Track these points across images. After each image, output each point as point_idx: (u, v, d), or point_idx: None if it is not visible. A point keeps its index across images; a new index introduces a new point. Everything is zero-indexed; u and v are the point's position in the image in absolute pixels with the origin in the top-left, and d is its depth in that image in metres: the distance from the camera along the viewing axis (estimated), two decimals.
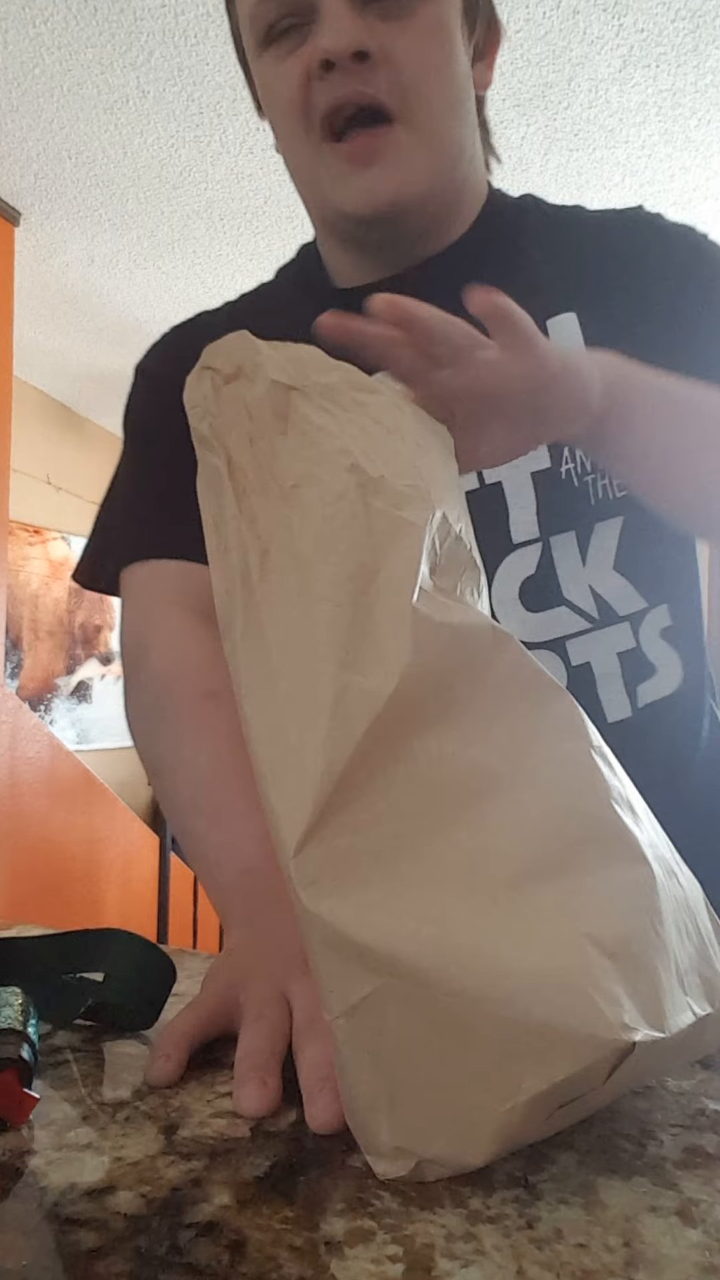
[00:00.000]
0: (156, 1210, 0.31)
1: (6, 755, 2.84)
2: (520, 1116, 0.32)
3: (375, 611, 0.37)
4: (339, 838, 0.35)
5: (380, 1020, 0.33)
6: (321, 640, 0.36)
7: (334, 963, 0.34)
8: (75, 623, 4.83)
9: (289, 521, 0.39)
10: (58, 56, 2.18)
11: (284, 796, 0.36)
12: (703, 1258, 0.29)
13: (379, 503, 0.38)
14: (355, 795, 0.35)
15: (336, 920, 0.34)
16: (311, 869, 0.34)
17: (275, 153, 0.71)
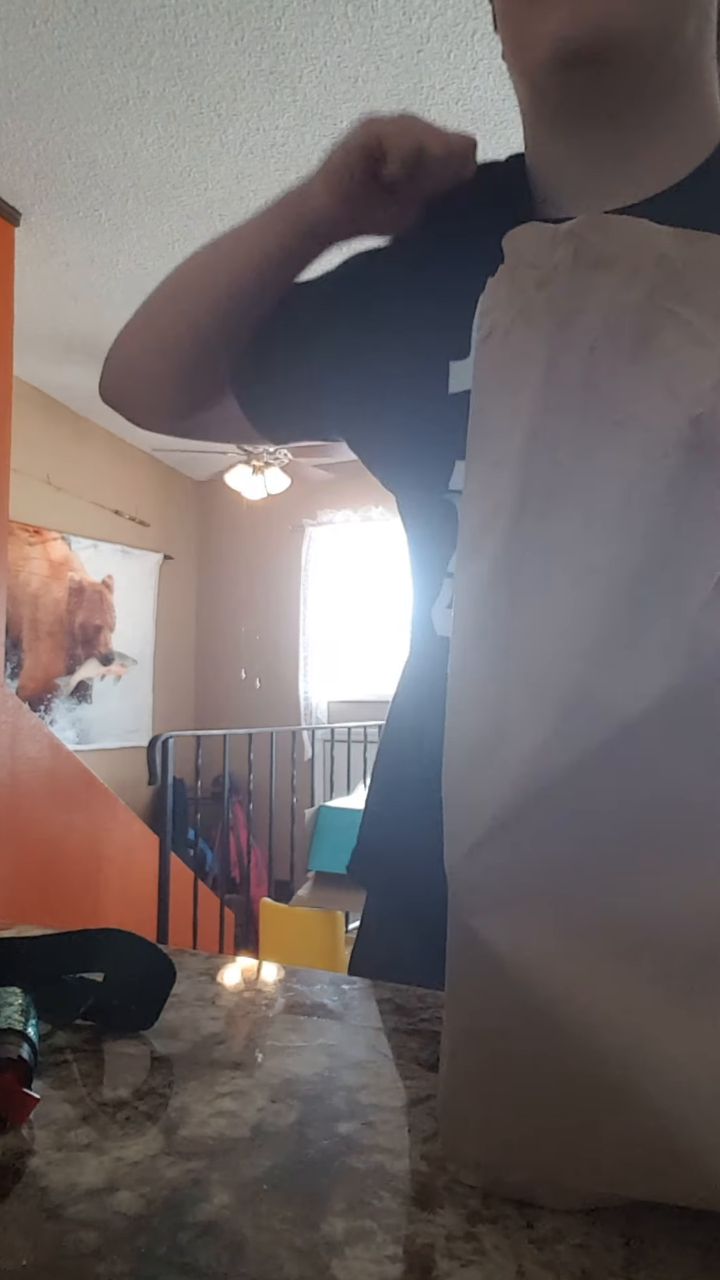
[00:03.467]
0: (156, 1210, 0.31)
1: (6, 755, 2.84)
2: (617, 1199, 0.30)
3: (654, 608, 0.30)
4: (521, 846, 0.30)
5: (504, 1055, 0.31)
6: (579, 622, 0.30)
7: (475, 980, 0.31)
8: (75, 623, 4.83)
9: (594, 463, 0.31)
10: (58, 56, 2.18)
11: (474, 788, 0.31)
12: (703, 1258, 0.29)
13: (711, 475, 0.30)
14: (556, 809, 0.30)
15: (492, 941, 0.30)
16: (480, 872, 0.31)
17: (275, 153, 0.71)
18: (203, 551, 5.90)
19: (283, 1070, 0.42)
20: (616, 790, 0.30)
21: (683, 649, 0.29)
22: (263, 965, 0.59)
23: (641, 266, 0.32)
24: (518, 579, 0.32)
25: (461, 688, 0.33)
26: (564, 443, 0.32)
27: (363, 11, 2.03)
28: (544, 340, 0.32)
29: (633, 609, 0.30)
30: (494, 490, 0.33)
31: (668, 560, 0.30)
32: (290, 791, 4.38)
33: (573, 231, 0.33)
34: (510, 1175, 0.32)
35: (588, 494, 0.31)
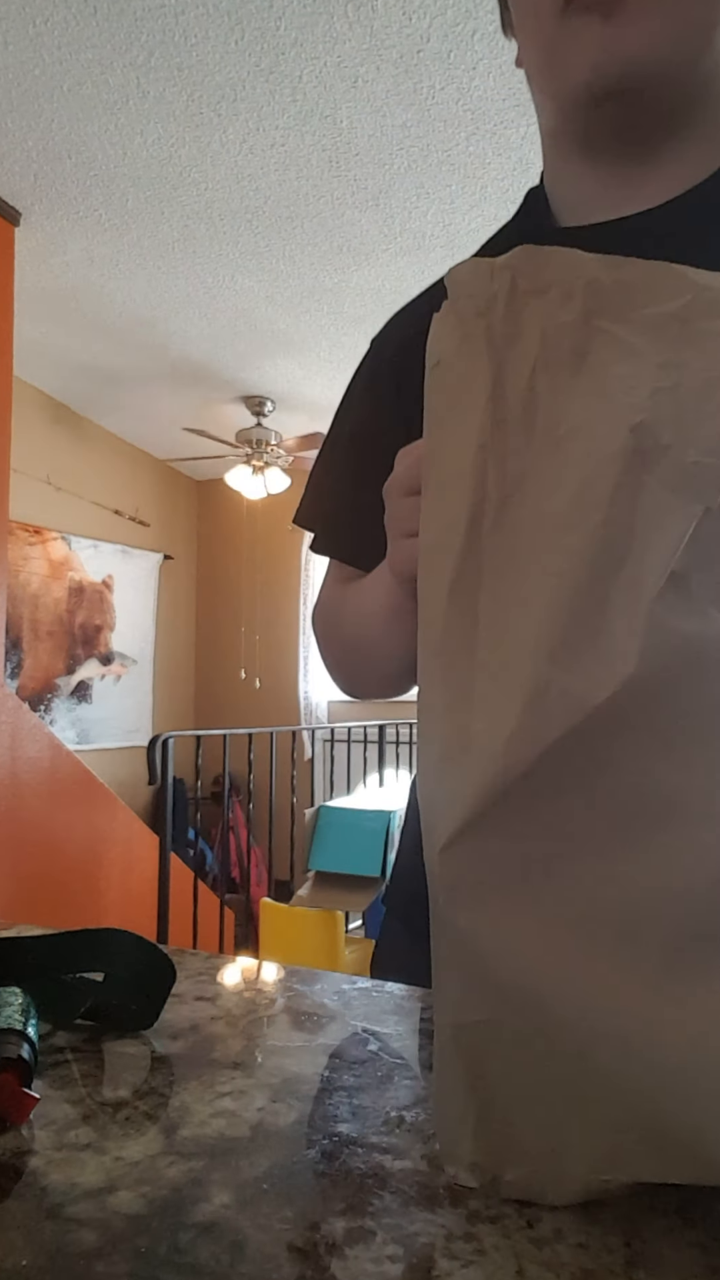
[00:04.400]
0: (156, 1210, 0.31)
1: (6, 755, 2.84)
2: (613, 1186, 0.31)
3: (610, 605, 0.31)
4: (493, 842, 0.31)
5: (491, 1048, 0.32)
6: (539, 622, 0.31)
7: (457, 973, 0.32)
8: (75, 623, 4.83)
9: (544, 473, 0.32)
10: (58, 56, 2.18)
11: (448, 782, 0.32)
12: (703, 1258, 0.29)
13: (653, 476, 0.31)
14: (525, 802, 0.31)
15: (472, 934, 0.31)
16: (457, 869, 0.31)
17: (275, 153, 0.71)
18: (203, 551, 5.90)
19: (283, 1070, 0.42)
20: (583, 779, 0.31)
21: (639, 640, 0.30)
22: (263, 965, 0.59)
23: (574, 291, 0.34)
24: (478, 584, 0.33)
25: (430, 693, 0.34)
26: (512, 455, 0.33)
27: (363, 11, 2.03)
28: (487, 362, 0.34)
29: (590, 606, 0.31)
30: (449, 505, 0.34)
31: (621, 558, 0.31)
32: (290, 791, 4.38)
33: (508, 264, 0.35)
34: (507, 1172, 0.32)
35: (539, 501, 0.32)
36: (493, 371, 0.34)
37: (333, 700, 5.36)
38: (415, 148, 2.49)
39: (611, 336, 0.33)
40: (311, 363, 3.96)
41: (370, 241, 2.96)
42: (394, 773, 4.58)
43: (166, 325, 3.64)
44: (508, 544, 0.33)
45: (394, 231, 2.89)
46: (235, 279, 3.25)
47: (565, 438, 0.33)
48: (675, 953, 0.30)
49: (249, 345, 3.83)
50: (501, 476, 0.33)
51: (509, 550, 0.33)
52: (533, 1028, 0.31)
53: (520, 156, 2.48)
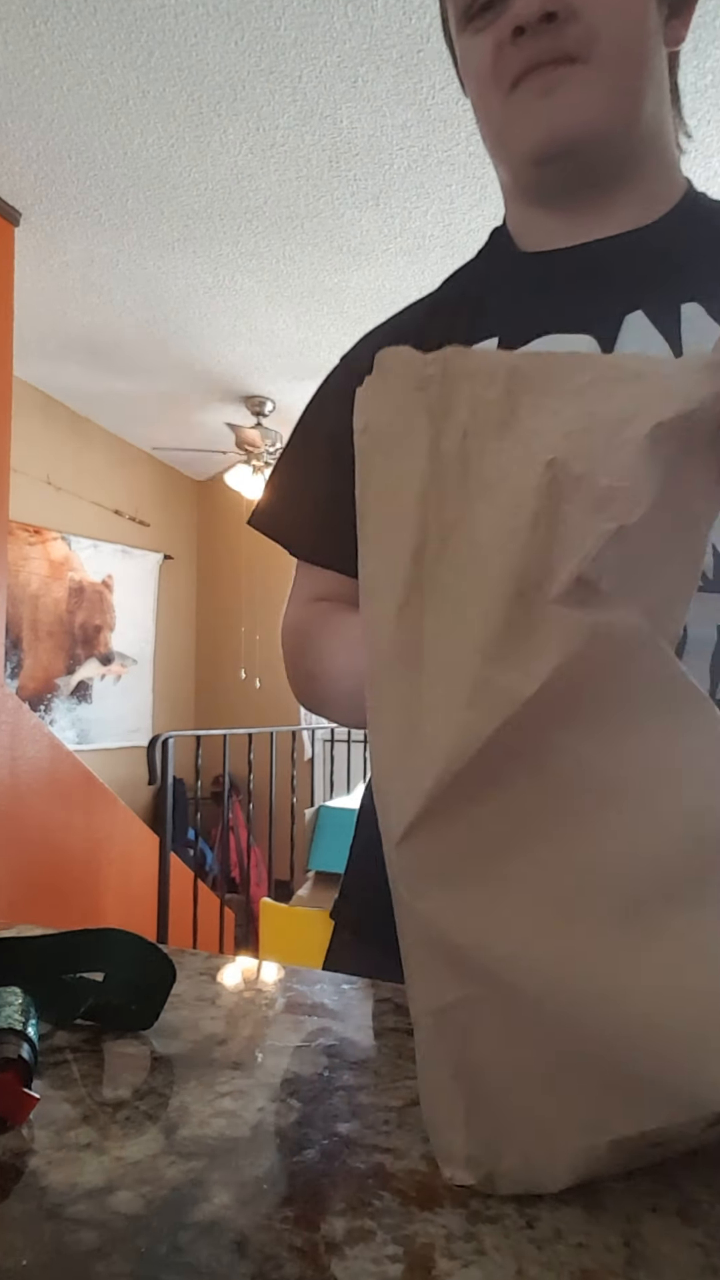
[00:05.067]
0: (156, 1210, 0.31)
1: (6, 755, 2.84)
2: (603, 1154, 0.31)
3: (535, 612, 0.35)
4: (447, 830, 0.34)
5: (468, 1027, 0.33)
6: (475, 632, 0.35)
7: (427, 960, 0.34)
8: (75, 623, 4.83)
9: (477, 515, 0.38)
10: (58, 56, 2.18)
11: (399, 783, 0.35)
12: (703, 1258, 0.29)
13: (568, 504, 0.36)
14: (473, 791, 0.34)
15: (435, 917, 0.33)
16: (414, 859, 0.34)
17: (275, 153, 0.72)
18: (203, 551, 5.90)
19: (283, 1070, 0.43)
20: (525, 765, 0.34)
21: (558, 635, 0.34)
22: (263, 965, 0.59)
23: (497, 375, 0.40)
24: (422, 607, 0.37)
25: (381, 705, 0.37)
26: (449, 501, 0.39)
27: (363, 11, 2.03)
28: (425, 426, 0.40)
29: (518, 614, 0.35)
30: (392, 544, 0.39)
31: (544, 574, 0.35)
32: (290, 791, 4.38)
33: (440, 356, 0.41)
34: (502, 1162, 0.32)
35: (472, 534, 0.38)
36: (430, 435, 0.40)
37: None
38: (415, 148, 2.49)
39: (533, 405, 0.39)
40: (312, 363, 3.96)
41: (370, 241, 2.96)
42: None
43: (166, 325, 3.64)
44: (448, 573, 0.37)
45: (394, 231, 2.89)
46: (235, 279, 3.25)
47: (493, 482, 0.38)
48: (629, 915, 0.32)
49: (249, 345, 3.83)
50: (440, 519, 0.38)
51: (449, 576, 0.37)
52: (505, 998, 0.32)
53: None
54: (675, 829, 0.33)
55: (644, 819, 0.34)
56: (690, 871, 0.33)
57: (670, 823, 0.34)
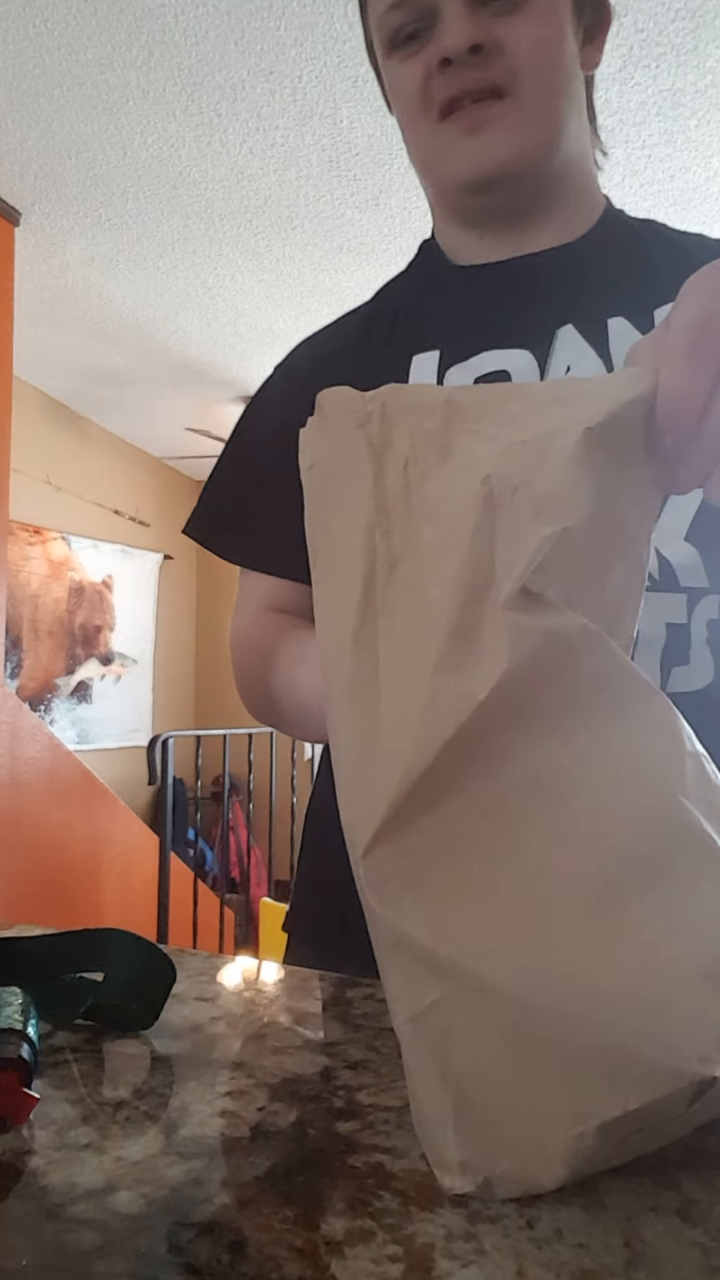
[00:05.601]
0: (156, 1210, 0.31)
1: (6, 755, 2.84)
2: (592, 1142, 0.31)
3: (482, 620, 0.36)
4: (411, 838, 0.34)
5: (447, 1028, 0.33)
6: (426, 645, 0.36)
7: (401, 966, 0.34)
8: (75, 623, 4.83)
9: (424, 536, 0.39)
10: (58, 56, 2.18)
11: (362, 796, 0.36)
12: (703, 1258, 0.29)
13: (507, 514, 0.37)
14: (433, 798, 0.35)
15: (404, 922, 0.33)
16: (381, 870, 0.34)
17: (275, 153, 0.73)
18: (203, 551, 5.88)
19: (283, 1070, 0.43)
20: (482, 767, 0.35)
21: (506, 640, 0.35)
22: (263, 965, 0.59)
23: (434, 408, 0.41)
24: (375, 629, 0.39)
25: (341, 726, 0.38)
26: (395, 529, 0.40)
27: None
28: (369, 463, 0.42)
29: (465, 623, 0.36)
30: (343, 574, 0.41)
31: (487, 581, 0.37)
32: (290, 791, 4.38)
33: (379, 394, 0.43)
34: (497, 1166, 0.32)
35: (419, 556, 0.39)
36: (374, 470, 0.42)
37: None
38: None
39: (470, 432, 0.41)
40: None
41: (370, 241, 2.96)
42: None
43: (166, 325, 3.64)
44: (398, 594, 0.39)
45: (394, 231, 2.89)
46: (235, 279, 3.25)
47: (434, 504, 0.40)
48: (595, 902, 0.33)
49: (249, 345, 3.83)
50: (389, 547, 0.40)
51: (400, 599, 0.39)
52: (479, 993, 0.33)
53: None
54: (633, 816, 0.34)
55: (602, 810, 0.35)
56: (650, 854, 0.34)
57: (628, 811, 0.34)
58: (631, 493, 0.39)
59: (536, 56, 0.65)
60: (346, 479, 0.43)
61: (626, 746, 0.36)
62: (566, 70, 0.67)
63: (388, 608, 0.39)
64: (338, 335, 0.79)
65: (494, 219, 0.72)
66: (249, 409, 0.82)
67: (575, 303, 0.68)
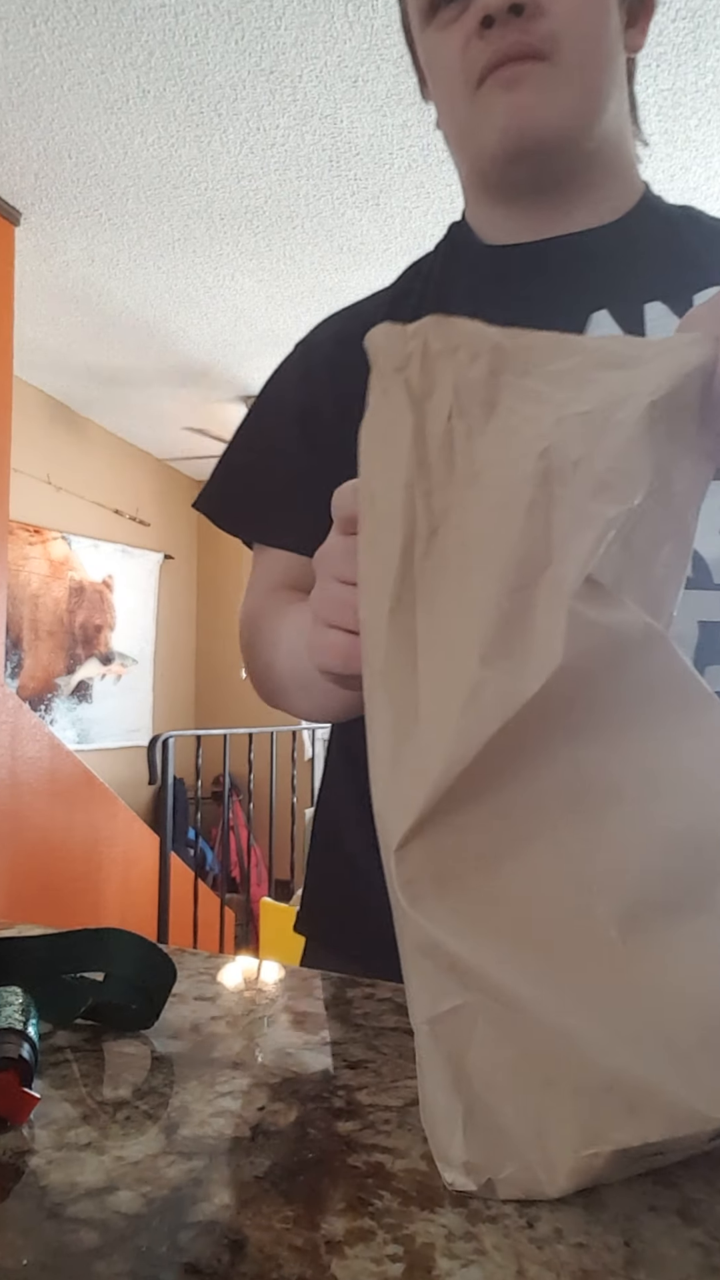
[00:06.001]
0: (156, 1210, 0.31)
1: (6, 755, 2.84)
2: (603, 1163, 0.31)
3: (535, 607, 0.33)
4: (446, 836, 0.33)
5: (466, 1035, 0.32)
6: (471, 630, 0.34)
7: (425, 967, 0.33)
8: (75, 623, 4.83)
9: (465, 504, 0.36)
10: (58, 56, 2.18)
11: (397, 788, 0.34)
12: (703, 1258, 0.29)
13: (565, 490, 0.34)
14: (471, 796, 0.33)
15: (432, 925, 0.32)
16: (412, 866, 0.33)
17: (275, 153, 0.73)
18: (203, 551, 5.90)
19: (283, 1070, 0.43)
20: (524, 769, 0.33)
21: (563, 634, 0.33)
22: (263, 965, 0.59)
23: (480, 353, 0.38)
24: (414, 607, 0.36)
25: (377, 711, 0.36)
26: (436, 491, 0.37)
27: (363, 11, 2.03)
28: (408, 411, 0.38)
29: (515, 610, 0.34)
30: (385, 536, 0.38)
31: (542, 565, 0.34)
32: (290, 791, 4.38)
33: (419, 329, 0.39)
34: (501, 1170, 0.32)
35: (462, 527, 0.36)
36: (414, 421, 0.38)
37: None
38: (415, 148, 2.49)
39: (517, 387, 0.37)
40: None
41: (370, 241, 2.96)
42: None
43: (166, 325, 3.63)
44: (438, 568, 0.36)
45: (394, 231, 2.89)
46: (235, 279, 3.25)
47: (481, 471, 0.37)
48: (628, 922, 0.32)
49: (249, 345, 3.83)
50: (428, 511, 0.37)
51: (439, 573, 0.36)
52: (503, 1005, 0.32)
53: None
54: (676, 834, 0.33)
55: (644, 824, 0.33)
56: (691, 879, 0.32)
57: (671, 827, 0.33)
58: (682, 467, 0.36)
59: (578, 22, 0.63)
60: (388, 431, 0.39)
61: (676, 758, 0.34)
62: (609, 43, 0.65)
63: (426, 582, 0.36)
64: (361, 314, 0.77)
65: (528, 194, 0.69)
66: (267, 386, 0.80)
67: (610, 287, 0.66)
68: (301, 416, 0.75)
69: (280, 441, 0.76)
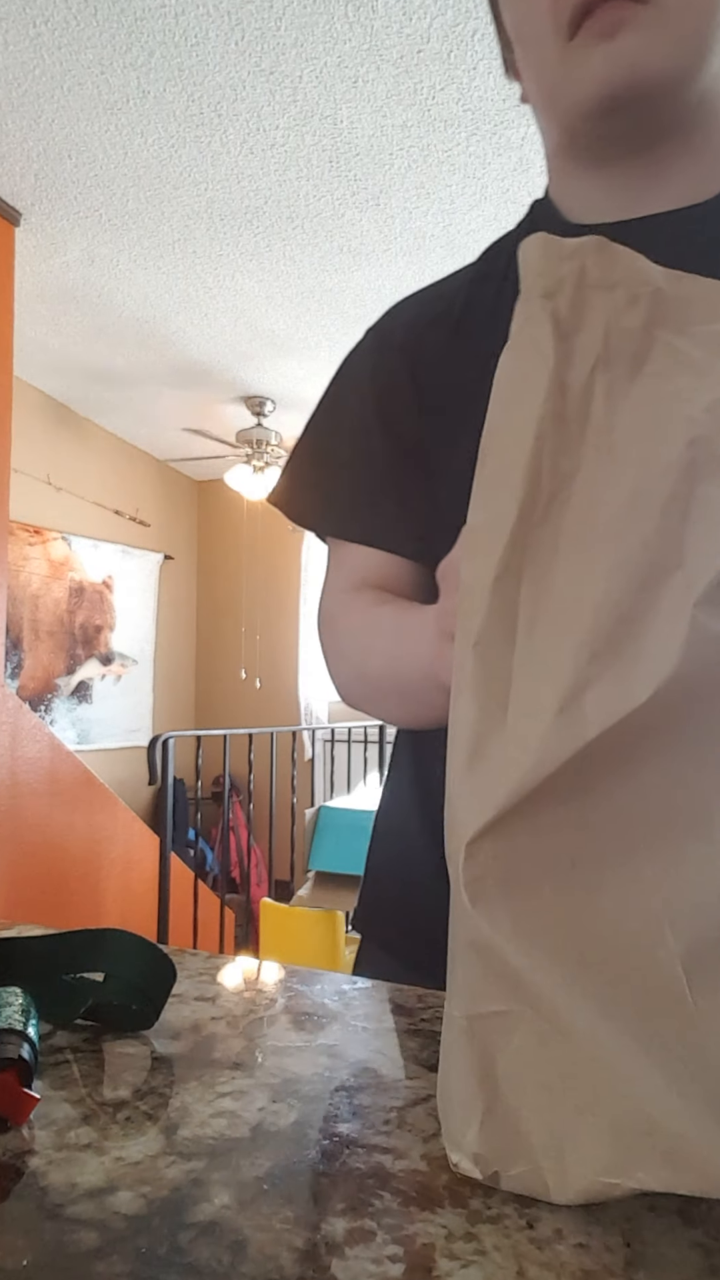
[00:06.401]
0: (156, 1210, 0.31)
1: (6, 755, 2.84)
2: (622, 1194, 0.31)
3: (656, 610, 0.31)
4: (520, 838, 0.31)
5: (503, 1040, 0.32)
6: (584, 621, 0.31)
7: (474, 966, 0.32)
8: (75, 623, 4.83)
9: (599, 477, 0.33)
10: (58, 56, 2.18)
11: (476, 779, 0.32)
12: (703, 1258, 0.29)
13: (709, 489, 0.32)
14: (554, 801, 0.31)
15: (491, 927, 0.31)
16: (481, 864, 0.32)
17: (275, 153, 0.70)
18: (203, 551, 5.90)
19: (283, 1070, 0.42)
20: (615, 782, 0.31)
21: (681, 640, 0.30)
22: (263, 965, 0.59)
23: (640, 295, 0.34)
24: (521, 569, 0.33)
25: (465, 681, 0.34)
26: (565, 451, 0.33)
27: (363, 11, 2.03)
28: (549, 349, 0.34)
29: (636, 611, 0.31)
30: (503, 488, 0.34)
31: (671, 566, 0.31)
32: (290, 791, 4.38)
33: (579, 250, 0.35)
34: (511, 1168, 0.32)
35: (587, 502, 0.33)
36: (556, 361, 0.34)
37: (333, 700, 5.36)
38: (415, 148, 2.49)
39: (670, 347, 0.34)
40: (311, 363, 3.96)
41: (370, 241, 2.95)
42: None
43: (166, 325, 3.63)
44: (551, 540, 0.33)
45: (394, 231, 2.89)
46: (235, 279, 3.25)
47: (619, 443, 0.33)
48: (699, 960, 0.30)
49: (249, 345, 3.83)
50: (554, 472, 0.33)
51: (551, 546, 0.33)
52: (549, 1025, 0.31)
53: (520, 156, 2.48)
54: None
55: None
56: None
57: None
58: None
59: None
60: (526, 369, 0.35)
61: None
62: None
63: (539, 551, 0.33)
64: (439, 298, 0.72)
65: (622, 157, 0.64)
66: (338, 375, 0.76)
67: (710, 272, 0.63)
68: (378, 408, 0.71)
69: (354, 433, 0.72)
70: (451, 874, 0.33)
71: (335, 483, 0.73)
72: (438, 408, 0.69)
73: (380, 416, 0.71)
